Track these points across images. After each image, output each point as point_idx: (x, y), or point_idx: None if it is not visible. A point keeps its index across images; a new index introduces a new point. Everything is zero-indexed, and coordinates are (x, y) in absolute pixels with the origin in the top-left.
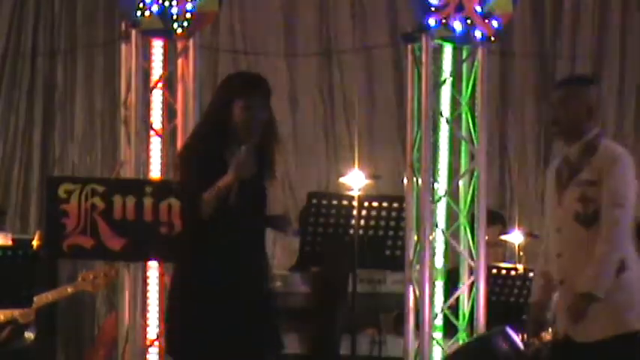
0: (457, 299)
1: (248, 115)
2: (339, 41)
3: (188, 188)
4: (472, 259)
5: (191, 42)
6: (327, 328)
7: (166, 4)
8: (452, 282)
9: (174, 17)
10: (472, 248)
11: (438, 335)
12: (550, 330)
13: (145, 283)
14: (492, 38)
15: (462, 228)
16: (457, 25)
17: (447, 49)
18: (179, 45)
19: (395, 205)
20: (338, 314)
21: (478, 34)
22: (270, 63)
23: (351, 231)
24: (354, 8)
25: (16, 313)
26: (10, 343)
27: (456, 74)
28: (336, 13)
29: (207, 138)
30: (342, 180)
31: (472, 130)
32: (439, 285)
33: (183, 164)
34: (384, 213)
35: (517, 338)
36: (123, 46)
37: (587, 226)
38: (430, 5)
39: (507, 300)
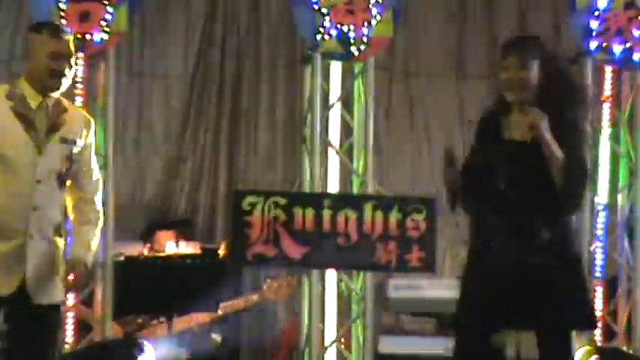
0: (616, 306)
1: (502, 76)
2: None
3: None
4: (630, 268)
5: (368, 64)
6: None
7: (344, 29)
8: (611, 290)
9: (352, 41)
10: (630, 258)
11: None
12: None
13: (323, 289)
14: None
15: (621, 239)
16: (617, 49)
17: (607, 70)
18: (356, 67)
19: None
20: None
21: (637, 56)
22: (440, 84)
23: None
24: (520, 31)
25: (206, 317)
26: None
27: (614, 94)
28: (506, 36)
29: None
30: None
31: (630, 147)
32: (599, 292)
33: None
34: None
35: None
36: (304, 68)
37: None
38: (591, 30)
39: None
